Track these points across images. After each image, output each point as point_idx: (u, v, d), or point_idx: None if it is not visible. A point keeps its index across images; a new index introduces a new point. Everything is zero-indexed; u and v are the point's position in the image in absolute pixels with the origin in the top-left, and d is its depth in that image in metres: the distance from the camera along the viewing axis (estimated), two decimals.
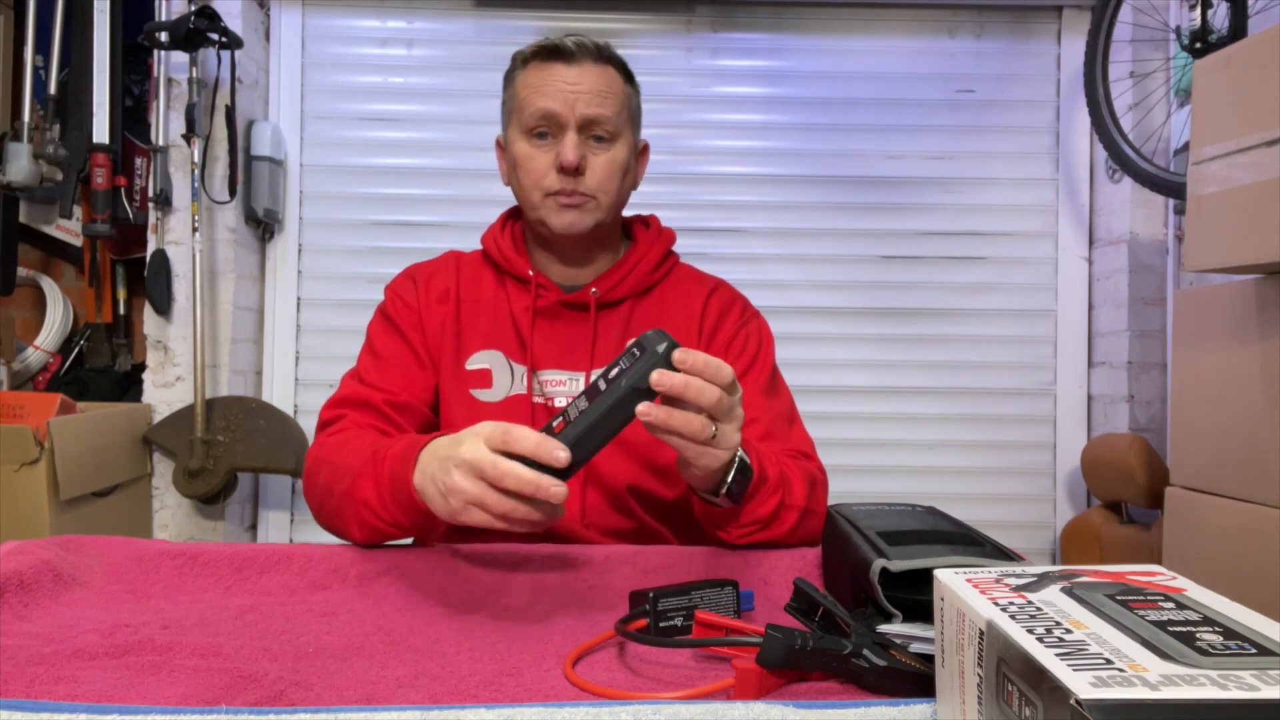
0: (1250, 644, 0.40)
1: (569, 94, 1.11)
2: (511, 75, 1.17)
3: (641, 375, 0.70)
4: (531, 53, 1.14)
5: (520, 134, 1.14)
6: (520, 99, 1.13)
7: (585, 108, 1.11)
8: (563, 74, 1.11)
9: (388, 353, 1.16)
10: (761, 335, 1.21)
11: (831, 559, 0.84)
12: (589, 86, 1.11)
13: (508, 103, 1.18)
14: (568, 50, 1.12)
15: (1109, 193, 2.49)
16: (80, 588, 0.80)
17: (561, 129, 1.11)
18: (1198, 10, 1.92)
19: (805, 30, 2.59)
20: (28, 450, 1.89)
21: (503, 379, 1.14)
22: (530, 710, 0.51)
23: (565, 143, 1.11)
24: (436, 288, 1.20)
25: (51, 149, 2.18)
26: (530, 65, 1.14)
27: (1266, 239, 1.27)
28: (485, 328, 1.17)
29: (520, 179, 1.15)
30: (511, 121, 1.16)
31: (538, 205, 1.14)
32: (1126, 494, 2.14)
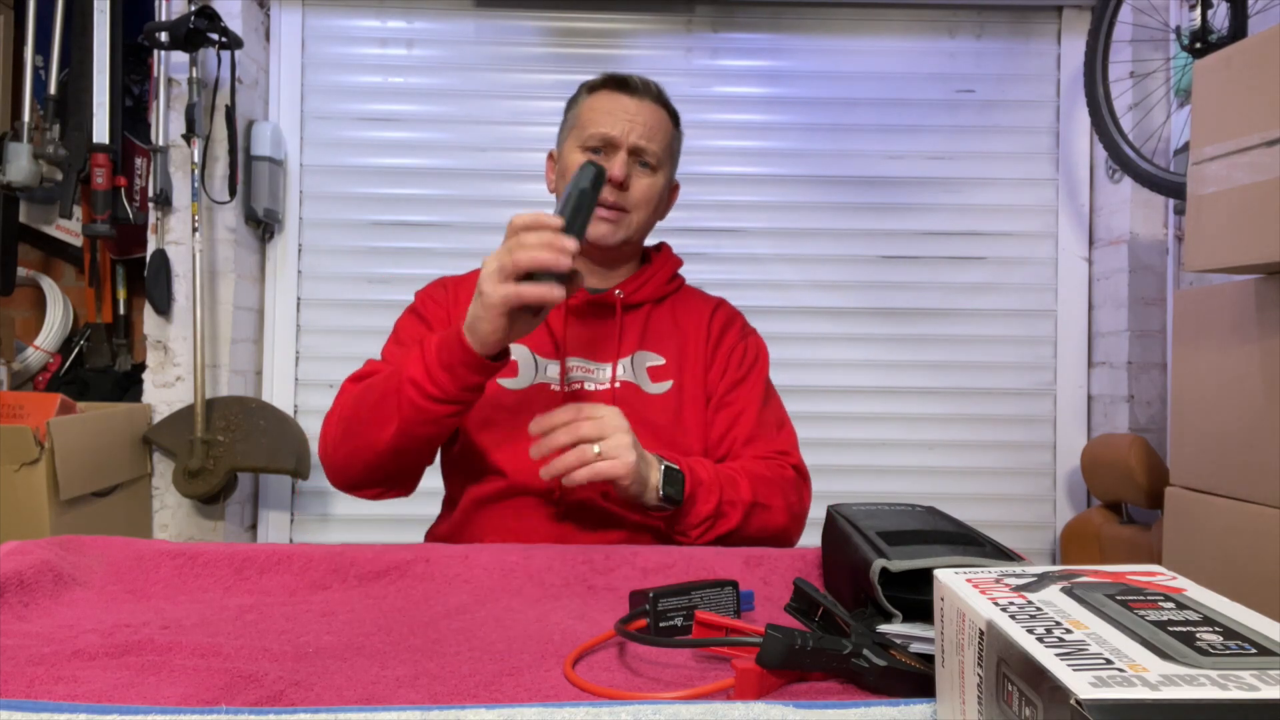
0: (1250, 644, 0.40)
1: (626, 122, 1.25)
2: (577, 98, 1.31)
3: (583, 179, 1.01)
4: (601, 82, 1.29)
5: (576, 148, 1.26)
6: (583, 119, 1.27)
7: (638, 137, 1.25)
8: (624, 104, 1.26)
9: (411, 340, 1.24)
10: (759, 351, 1.34)
11: (831, 559, 0.84)
12: (645, 120, 1.26)
13: (569, 121, 1.31)
14: (633, 85, 1.28)
15: (1109, 193, 2.49)
16: (80, 588, 0.80)
17: (614, 149, 1.24)
18: (1198, 10, 1.92)
19: (805, 30, 2.59)
20: (28, 450, 1.89)
21: (526, 370, 1.23)
22: (530, 710, 0.51)
23: (616, 160, 1.24)
24: (467, 291, 1.28)
25: (51, 149, 2.18)
26: (598, 93, 1.28)
27: (1266, 239, 1.27)
28: None
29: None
30: (569, 137, 1.29)
31: None
32: (1126, 494, 2.14)
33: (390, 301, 2.53)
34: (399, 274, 2.54)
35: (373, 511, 2.50)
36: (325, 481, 1.23)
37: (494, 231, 2.54)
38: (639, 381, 1.25)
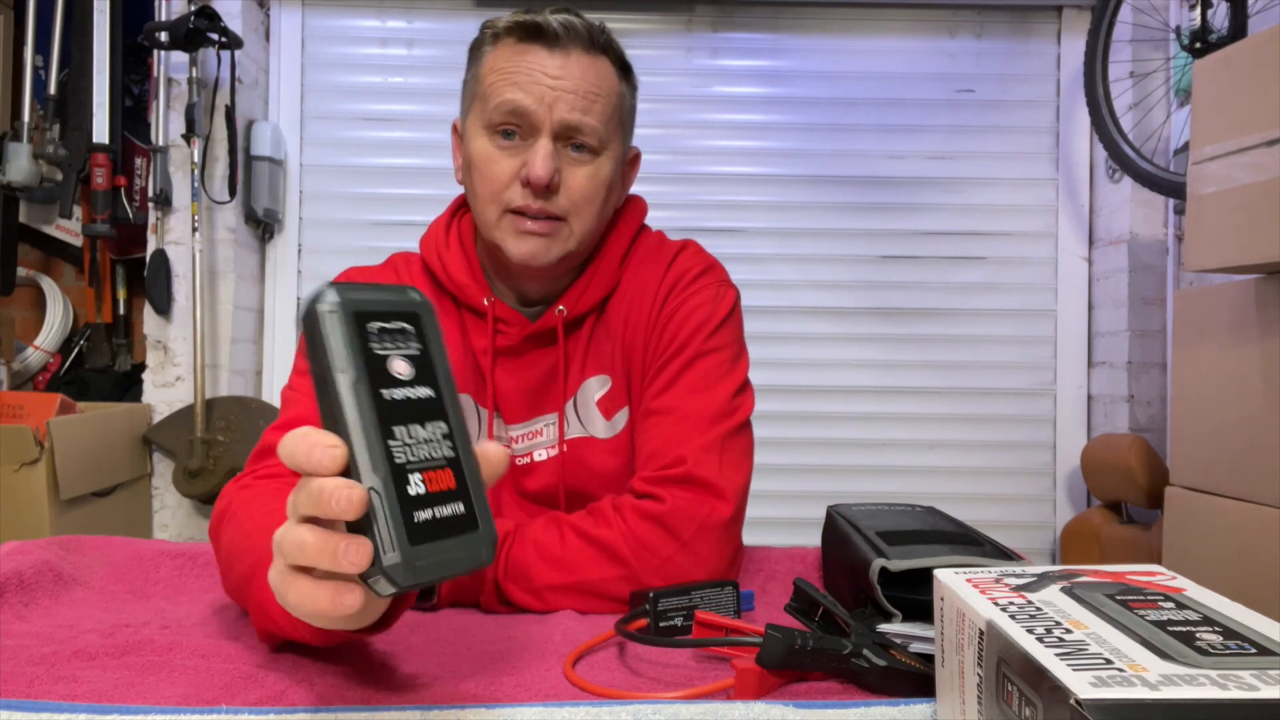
0: (1250, 644, 0.40)
1: (548, 89, 0.89)
2: (479, 50, 0.95)
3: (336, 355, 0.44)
4: (505, 27, 0.92)
5: (481, 128, 0.92)
6: (486, 84, 0.92)
7: (567, 111, 0.89)
8: (543, 62, 0.89)
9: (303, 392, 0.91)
10: (698, 317, 0.96)
11: (831, 559, 0.84)
12: (574, 84, 0.89)
13: (469, 84, 0.96)
14: (551, 31, 0.89)
15: (1109, 193, 2.49)
16: (80, 588, 0.80)
17: (534, 131, 0.89)
18: (1198, 10, 1.92)
19: (805, 30, 2.59)
20: (28, 450, 1.89)
21: (471, 425, 0.95)
22: (530, 710, 0.51)
23: (537, 151, 0.88)
24: None
25: (51, 149, 2.18)
26: (503, 43, 0.92)
27: (1266, 239, 1.27)
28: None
29: (475, 185, 0.92)
30: (472, 109, 0.94)
31: (494, 224, 0.92)
32: (1126, 494, 2.14)
33: None
34: None
35: None
36: None
37: None
38: (590, 428, 0.96)
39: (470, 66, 0.97)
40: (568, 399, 0.96)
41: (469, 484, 0.45)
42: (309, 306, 0.44)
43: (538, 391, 0.96)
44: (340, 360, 0.43)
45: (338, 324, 0.43)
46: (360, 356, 0.43)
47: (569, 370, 0.96)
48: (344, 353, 0.43)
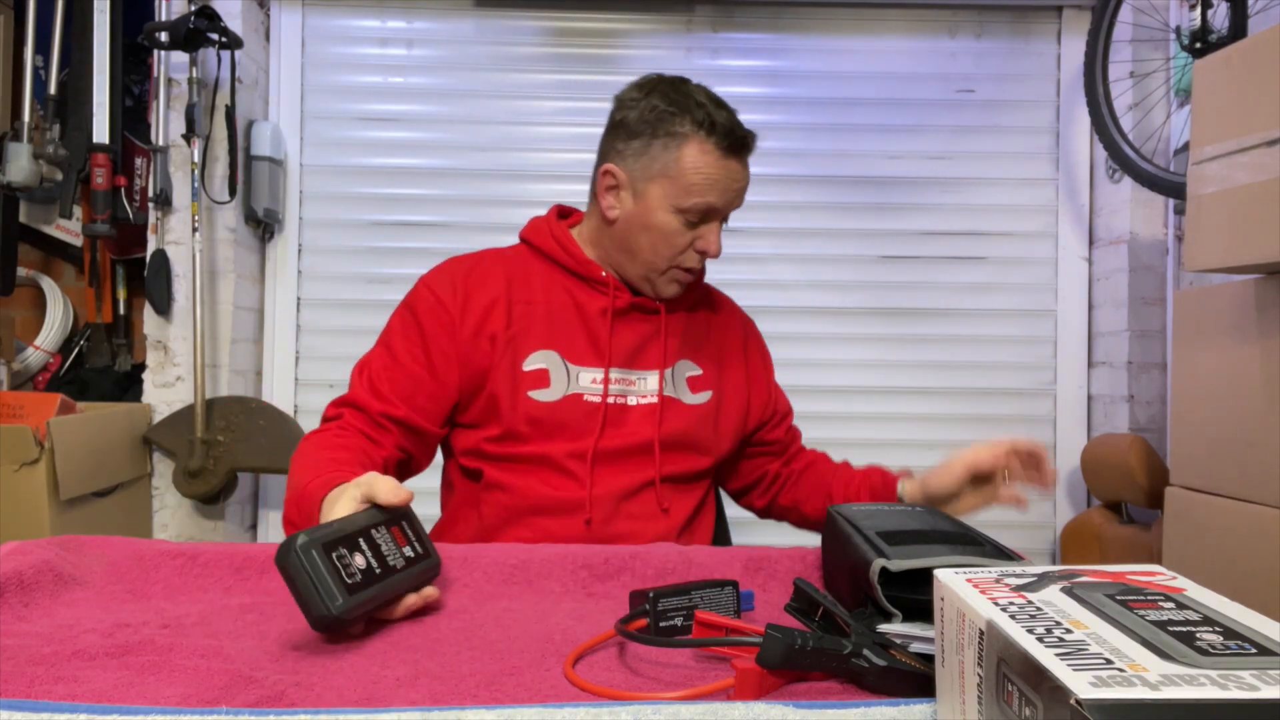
0: (1250, 644, 0.40)
1: (734, 194, 1.16)
2: (679, 136, 1.13)
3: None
4: (714, 133, 1.13)
5: (670, 208, 1.14)
6: (688, 180, 1.13)
7: (738, 205, 1.19)
8: (736, 173, 1.16)
9: (405, 357, 1.15)
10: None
11: (831, 559, 0.84)
12: (745, 183, 1.18)
13: (660, 156, 1.13)
14: (747, 148, 1.17)
15: (1109, 193, 2.49)
16: (80, 588, 0.80)
17: (712, 217, 1.16)
18: (1198, 10, 1.92)
19: (805, 30, 2.59)
20: (28, 450, 1.89)
21: (558, 380, 1.15)
22: (530, 710, 0.51)
23: (713, 231, 1.16)
24: (485, 294, 1.17)
25: (51, 149, 2.18)
26: (710, 149, 1.13)
27: (1266, 239, 1.27)
28: (541, 328, 1.17)
29: (653, 243, 1.16)
30: (660, 185, 1.14)
31: (659, 273, 1.18)
32: (1126, 494, 2.14)
33: (391, 301, 2.51)
34: (399, 274, 2.54)
35: None
36: None
37: (494, 231, 2.54)
38: (679, 394, 1.21)
39: (662, 142, 1.14)
40: (667, 366, 1.21)
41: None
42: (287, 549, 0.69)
43: (636, 350, 1.20)
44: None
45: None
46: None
47: (667, 342, 1.21)
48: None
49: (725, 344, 1.28)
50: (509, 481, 1.15)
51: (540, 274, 1.21)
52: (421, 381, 1.14)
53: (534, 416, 1.13)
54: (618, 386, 1.18)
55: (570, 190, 2.55)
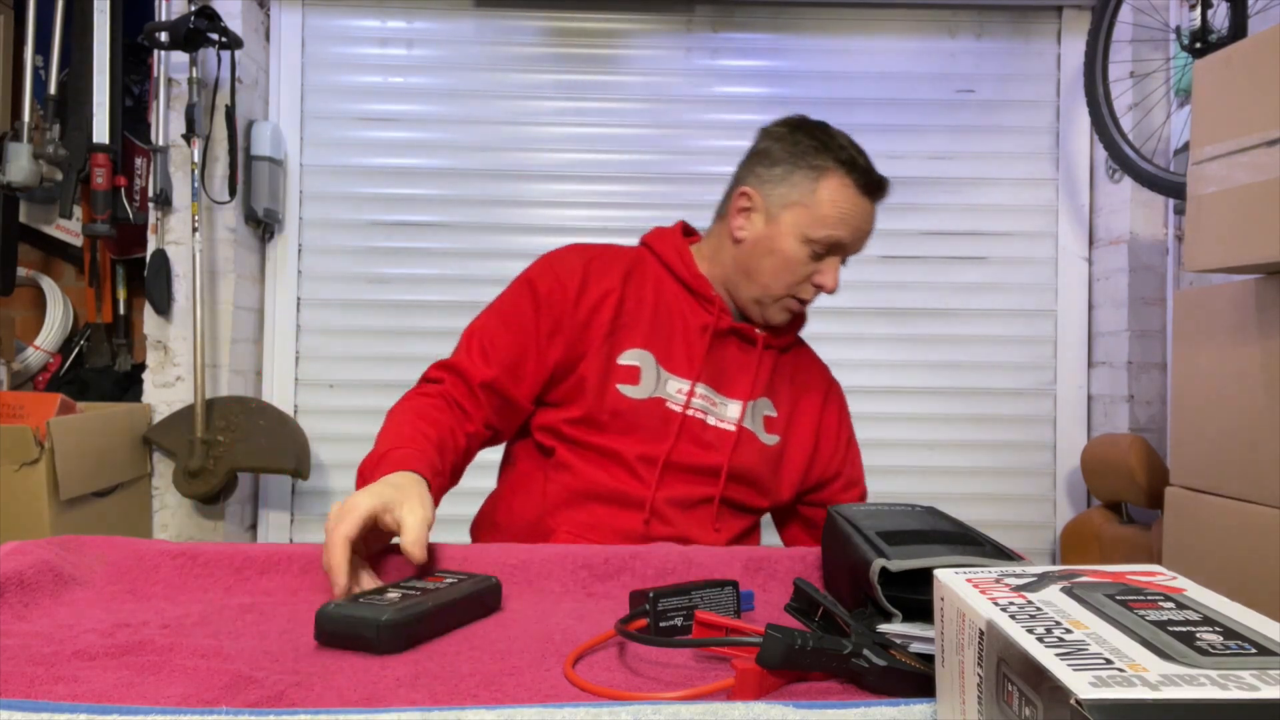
0: (1250, 644, 0.40)
1: (863, 235, 1.22)
2: (820, 169, 1.19)
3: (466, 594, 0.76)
4: (854, 171, 1.19)
5: (800, 236, 1.18)
6: (824, 212, 1.18)
7: (860, 248, 1.24)
8: (867, 212, 1.22)
9: (515, 326, 1.19)
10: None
11: (831, 559, 0.84)
12: (872, 228, 1.24)
13: (804, 193, 1.19)
14: (883, 191, 1.23)
15: (1109, 193, 2.49)
16: (80, 587, 0.80)
17: (836, 252, 1.21)
18: (1198, 10, 1.92)
19: (805, 30, 2.59)
20: (28, 450, 1.89)
21: (649, 379, 1.19)
22: (530, 710, 0.51)
23: (833, 267, 1.21)
24: (602, 283, 1.21)
25: (51, 149, 2.18)
26: (849, 185, 1.19)
27: (1266, 239, 1.27)
28: (644, 329, 1.21)
29: (774, 268, 1.20)
30: (794, 213, 1.19)
31: (772, 298, 1.22)
32: (1126, 494, 2.14)
33: (391, 301, 2.53)
34: (399, 274, 2.54)
35: None
36: (325, 481, 1.23)
37: (494, 231, 2.54)
38: (755, 429, 1.23)
39: (803, 166, 1.20)
40: (751, 398, 1.23)
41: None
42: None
43: (725, 375, 1.23)
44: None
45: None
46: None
47: (758, 375, 1.24)
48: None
49: (805, 395, 1.30)
50: (578, 466, 1.18)
51: (654, 278, 1.25)
52: (527, 352, 1.18)
53: (617, 409, 1.17)
54: (701, 402, 1.20)
55: (570, 190, 2.55)
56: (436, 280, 2.54)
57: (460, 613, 0.74)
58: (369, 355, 2.52)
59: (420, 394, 1.17)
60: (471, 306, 2.50)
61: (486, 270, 2.52)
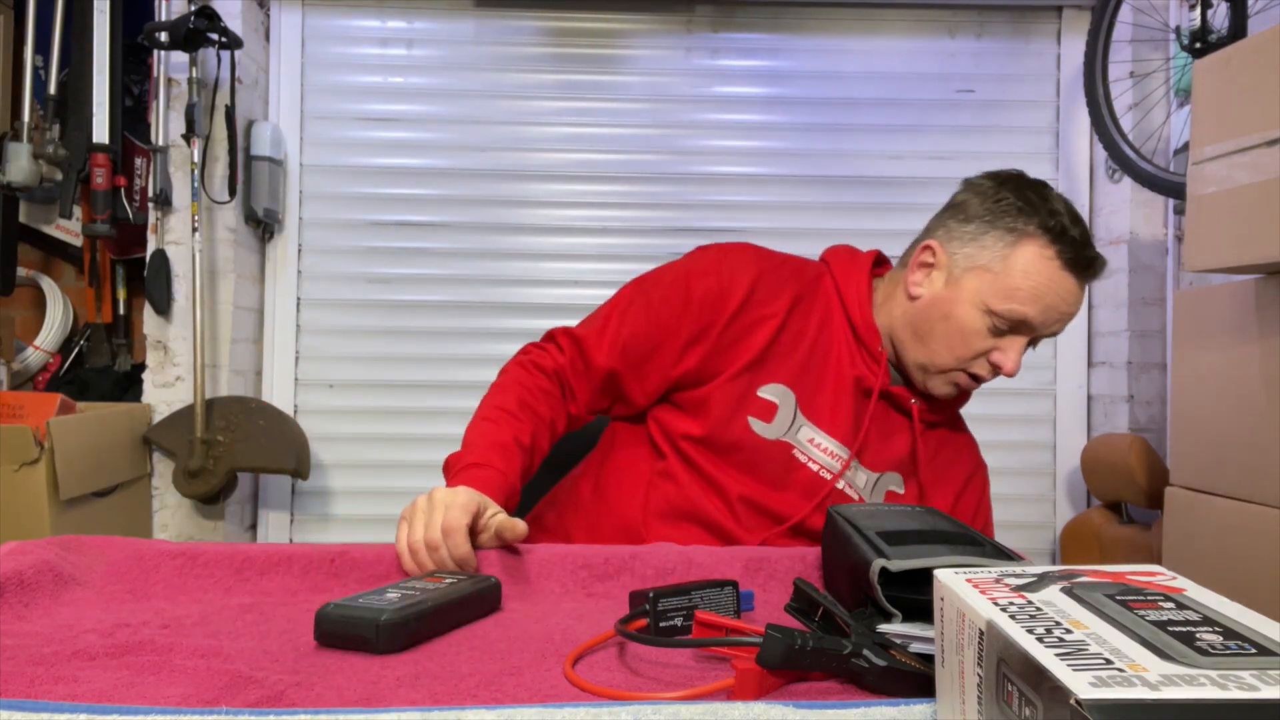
0: (1250, 644, 0.40)
1: (1057, 316, 1.06)
2: (1019, 232, 1.04)
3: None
4: (1060, 241, 1.03)
5: (981, 306, 1.05)
6: (1012, 282, 1.04)
7: (1055, 328, 1.08)
8: (1068, 291, 1.05)
9: (656, 321, 1.10)
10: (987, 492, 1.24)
11: (831, 559, 0.84)
12: (1073, 310, 1.07)
13: (994, 257, 1.05)
14: (1093, 270, 1.06)
15: (1109, 193, 2.49)
16: (80, 587, 0.80)
17: (1021, 331, 1.06)
18: (1198, 10, 1.92)
19: (805, 30, 2.59)
20: (28, 450, 1.89)
21: (783, 419, 1.09)
22: (530, 710, 0.51)
23: (1016, 348, 1.06)
24: (768, 304, 1.11)
25: (51, 149, 2.18)
26: (1049, 256, 1.03)
27: (1266, 239, 1.27)
28: (796, 365, 1.10)
29: (948, 337, 1.07)
30: (979, 278, 1.05)
31: (939, 369, 1.09)
32: (1126, 494, 2.14)
33: (391, 301, 2.53)
34: (399, 274, 2.54)
35: (373, 512, 2.50)
36: (325, 481, 1.22)
37: (494, 231, 2.54)
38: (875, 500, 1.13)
39: (1000, 226, 1.06)
40: (885, 469, 1.12)
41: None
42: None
43: (866, 436, 1.10)
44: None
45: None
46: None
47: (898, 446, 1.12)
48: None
49: (943, 480, 1.16)
50: (685, 483, 1.10)
51: (823, 310, 1.13)
52: (660, 351, 1.10)
53: (740, 442, 1.08)
54: (829, 460, 1.09)
55: (570, 190, 2.55)
56: (436, 280, 2.54)
57: (460, 613, 0.74)
58: (369, 355, 2.52)
59: (535, 366, 1.11)
60: (471, 306, 2.52)
61: (486, 270, 2.52)
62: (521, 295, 2.50)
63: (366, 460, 2.50)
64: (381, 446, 2.50)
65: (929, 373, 1.10)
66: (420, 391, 2.49)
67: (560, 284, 2.53)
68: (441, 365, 2.48)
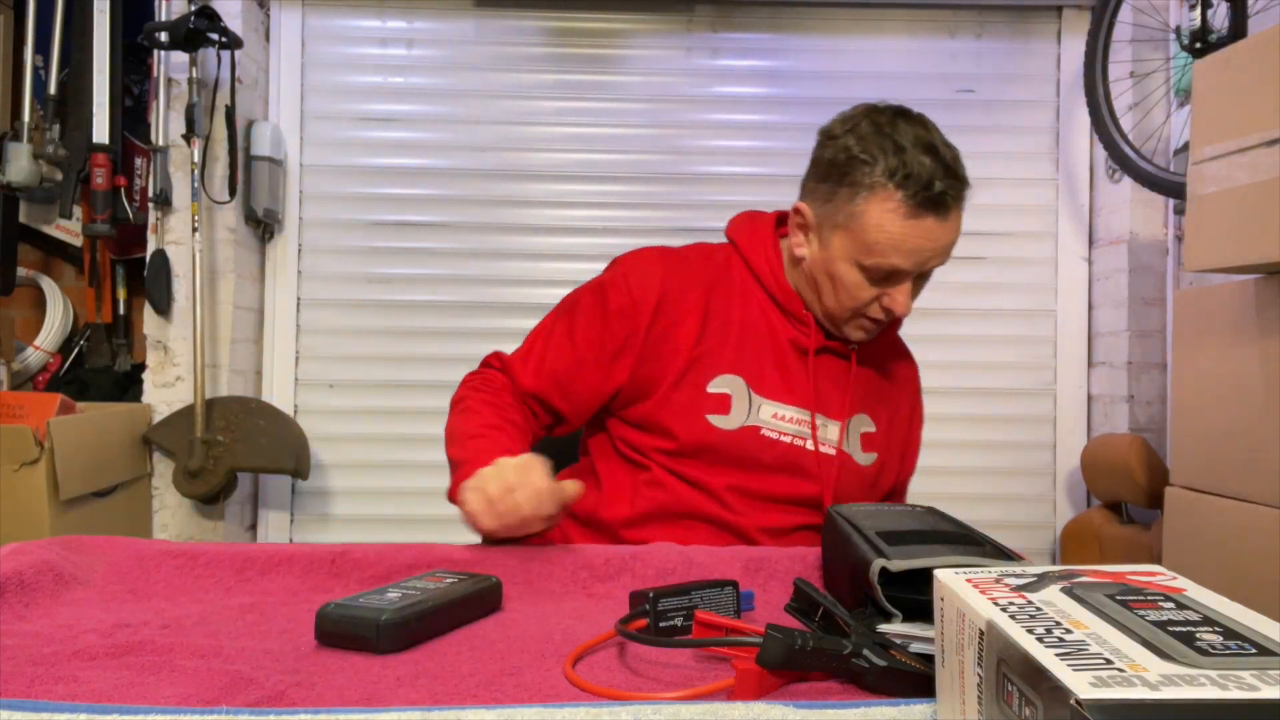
0: (1250, 644, 0.40)
1: (929, 254, 1.05)
2: (863, 187, 1.03)
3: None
4: (905, 188, 1.01)
5: (852, 261, 1.06)
6: (871, 238, 1.03)
7: (935, 263, 1.08)
8: (928, 231, 1.03)
9: (578, 339, 1.12)
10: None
11: (831, 559, 0.84)
12: (946, 243, 1.06)
13: (848, 216, 1.04)
14: (945, 206, 1.02)
15: (1109, 193, 2.49)
16: (81, 588, 0.80)
17: (899, 279, 1.06)
18: (1198, 10, 1.92)
19: (805, 30, 2.59)
20: (28, 450, 1.89)
21: (740, 407, 1.10)
22: (530, 710, 0.51)
23: (902, 291, 1.07)
24: (683, 301, 1.12)
25: (51, 149, 2.18)
26: (895, 206, 1.01)
27: (1266, 239, 1.27)
28: (732, 351, 1.12)
29: (835, 293, 1.09)
30: (841, 237, 1.06)
31: (844, 319, 1.11)
32: (1126, 494, 2.14)
33: (391, 301, 2.53)
34: (399, 274, 2.54)
35: (373, 512, 2.50)
36: (325, 481, 1.22)
37: (494, 231, 2.54)
38: (852, 451, 1.15)
39: (845, 184, 1.05)
40: (849, 416, 1.14)
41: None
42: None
43: (822, 392, 1.13)
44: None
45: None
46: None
47: (854, 391, 1.14)
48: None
49: (900, 402, 1.22)
50: (672, 486, 1.11)
51: (741, 289, 1.15)
52: (584, 369, 1.12)
53: (708, 443, 1.09)
54: (796, 428, 1.11)
55: (570, 190, 2.55)
56: (437, 280, 2.54)
57: (460, 613, 0.74)
58: (369, 355, 2.52)
59: (487, 385, 1.14)
60: (472, 306, 2.52)
61: (486, 270, 2.52)
62: (521, 295, 2.50)
63: (366, 460, 2.50)
64: (381, 446, 2.50)
65: (835, 322, 1.13)
66: (420, 391, 2.49)
67: (560, 284, 2.51)
68: (442, 365, 2.48)
